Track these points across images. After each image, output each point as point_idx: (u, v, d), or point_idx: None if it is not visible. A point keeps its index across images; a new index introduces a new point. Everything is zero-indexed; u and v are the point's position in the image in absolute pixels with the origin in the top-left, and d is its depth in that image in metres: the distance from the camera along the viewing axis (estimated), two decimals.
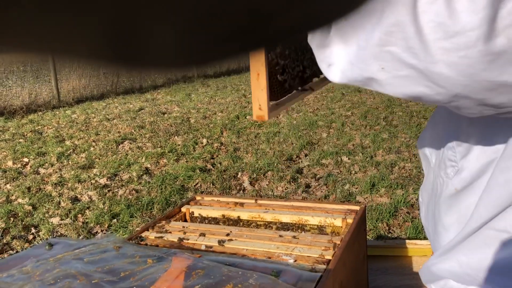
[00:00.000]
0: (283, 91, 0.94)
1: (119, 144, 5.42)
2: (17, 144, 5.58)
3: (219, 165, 4.47)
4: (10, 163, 4.79)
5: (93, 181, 4.14)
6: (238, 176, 4.14)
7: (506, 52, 0.53)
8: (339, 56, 0.64)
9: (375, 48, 0.58)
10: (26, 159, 4.93)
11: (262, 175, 4.13)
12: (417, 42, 0.55)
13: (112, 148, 5.27)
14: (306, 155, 4.67)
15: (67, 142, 5.60)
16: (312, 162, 4.40)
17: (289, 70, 0.92)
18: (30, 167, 4.67)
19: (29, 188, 4.00)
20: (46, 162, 4.80)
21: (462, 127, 0.77)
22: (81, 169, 4.51)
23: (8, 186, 4.12)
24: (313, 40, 0.65)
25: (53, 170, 4.56)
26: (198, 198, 1.62)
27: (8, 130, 6.43)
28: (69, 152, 5.17)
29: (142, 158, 4.77)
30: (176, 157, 4.75)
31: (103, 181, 4.14)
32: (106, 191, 3.91)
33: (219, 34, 0.17)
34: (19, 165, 4.74)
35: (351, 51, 0.63)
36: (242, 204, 1.61)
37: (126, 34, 0.15)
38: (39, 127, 6.59)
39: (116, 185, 4.07)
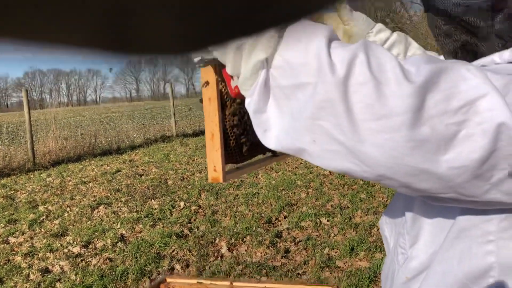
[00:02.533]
0: (243, 154, 0.93)
1: (94, 209, 5.29)
2: None
3: (196, 229, 4.38)
4: None
5: (65, 250, 4.00)
6: (216, 241, 4.05)
7: (429, 141, 0.55)
8: (275, 123, 0.65)
9: (307, 120, 0.60)
10: None
11: (240, 240, 4.06)
12: (346, 121, 0.57)
13: (87, 213, 5.14)
14: (285, 217, 4.62)
15: (41, 208, 5.45)
16: (291, 225, 4.36)
17: (251, 133, 0.91)
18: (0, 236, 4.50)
19: None
20: (17, 230, 4.63)
21: (413, 212, 0.77)
22: (54, 237, 4.36)
23: None
24: (250, 105, 0.66)
25: (24, 239, 4.39)
26: (169, 280, 1.57)
27: None
28: (42, 218, 5.02)
29: (117, 224, 4.65)
30: (152, 222, 4.64)
31: (76, 249, 4.00)
32: (79, 260, 3.77)
33: (216, 18, 0.16)
34: None
35: (285, 120, 0.64)
36: None
37: (122, 20, 0.15)
38: (12, 192, 6.42)
39: (89, 253, 3.93)
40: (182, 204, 5.26)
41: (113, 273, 3.47)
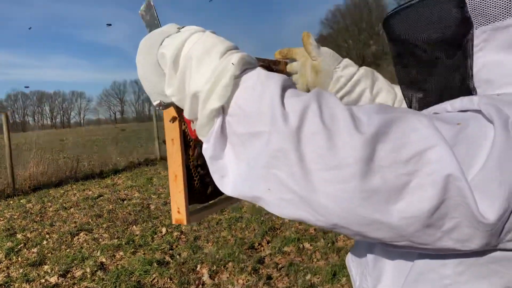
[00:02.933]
0: (208, 195, 0.92)
1: (74, 236, 5.19)
2: None
3: (178, 256, 4.31)
4: None
5: (42, 280, 3.90)
6: (198, 268, 3.99)
7: (380, 192, 0.55)
8: (232, 169, 0.66)
9: (262, 169, 0.60)
10: None
11: (222, 266, 4.00)
12: (299, 170, 0.57)
13: (66, 240, 5.04)
14: (268, 242, 4.59)
15: (19, 236, 5.33)
16: (274, 250, 4.32)
17: None
18: None
19: None
20: None
21: (375, 253, 0.76)
22: (31, 266, 4.26)
23: None
24: (207, 151, 0.66)
25: (0, 268, 4.28)
26: None
27: None
28: (19, 247, 4.91)
29: (97, 252, 4.56)
30: (133, 249, 4.57)
31: (53, 279, 3.90)
32: None
33: None
34: None
35: (242, 167, 0.64)
36: None
37: None
38: None
39: (67, 283, 3.83)
40: (164, 229, 5.20)
41: None
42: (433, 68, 0.73)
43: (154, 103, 0.72)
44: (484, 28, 0.65)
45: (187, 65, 0.66)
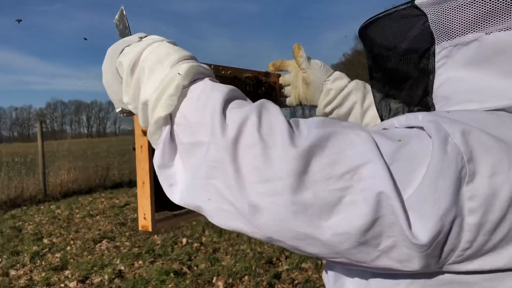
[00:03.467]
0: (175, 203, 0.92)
1: (97, 243, 5.29)
2: None
3: (195, 268, 4.33)
4: None
5: (62, 285, 3.98)
6: (214, 281, 3.99)
7: (312, 206, 0.54)
8: (180, 178, 0.66)
9: (202, 179, 0.60)
10: None
11: (238, 280, 3.99)
12: (235, 182, 0.57)
13: (89, 247, 5.14)
14: (286, 258, 4.54)
15: (45, 240, 5.47)
16: (291, 266, 4.28)
17: None
18: (1, 268, 4.52)
19: None
20: (19, 263, 4.65)
21: (334, 270, 0.74)
22: (53, 271, 4.36)
23: None
24: (155, 159, 0.67)
25: (24, 271, 4.40)
26: None
27: None
28: (44, 251, 5.04)
29: (117, 259, 4.63)
30: (152, 259, 4.61)
31: (72, 284, 3.98)
32: None
33: None
34: None
35: (188, 176, 0.64)
36: None
37: None
38: (20, 223, 6.48)
39: None
40: (184, 240, 5.23)
41: None
42: (397, 82, 0.72)
43: (117, 111, 0.74)
44: (445, 44, 0.64)
45: (141, 74, 0.68)
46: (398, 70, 0.70)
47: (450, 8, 0.62)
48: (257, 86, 1.11)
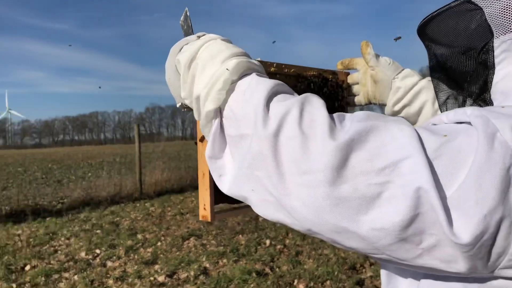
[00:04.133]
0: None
1: (185, 240, 5.53)
2: (94, 235, 5.92)
3: (277, 269, 4.35)
4: (83, 254, 5.06)
5: (151, 278, 4.22)
6: (295, 283, 3.98)
7: (350, 200, 0.53)
8: (229, 169, 0.68)
9: (247, 170, 0.62)
10: (98, 251, 5.19)
11: (320, 284, 3.95)
12: (275, 173, 0.57)
13: (177, 244, 5.38)
14: (371, 265, 4.41)
15: (139, 236, 5.83)
16: (376, 273, 4.14)
17: None
18: (99, 259, 4.90)
19: (92, 281, 4.16)
20: (115, 255, 5.00)
21: (387, 269, 0.72)
22: (144, 265, 4.63)
23: (75, 277, 4.32)
24: (206, 151, 0.69)
25: (119, 263, 4.73)
26: None
27: (90, 220, 6.88)
28: (138, 246, 5.37)
29: (203, 257, 4.80)
30: (236, 258, 4.72)
31: (161, 278, 4.20)
32: None
33: None
34: (90, 256, 4.99)
35: (235, 167, 0.66)
36: None
37: None
38: (118, 218, 6.98)
39: (172, 283, 4.09)
40: (268, 241, 5.28)
41: None
42: (458, 80, 0.69)
43: (177, 105, 0.77)
44: (504, 37, 0.60)
45: (195, 70, 0.71)
46: (457, 67, 0.67)
47: (507, 0, 0.59)
48: (323, 85, 1.09)
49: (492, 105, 0.63)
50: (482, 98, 0.65)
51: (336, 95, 1.12)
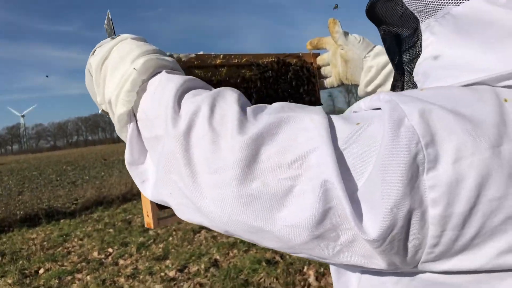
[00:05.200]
0: None
1: (196, 233, 5.54)
2: (107, 234, 5.97)
3: (288, 257, 4.34)
4: (95, 254, 5.11)
5: (162, 274, 4.23)
6: (304, 270, 3.96)
7: (261, 198, 0.50)
8: (152, 173, 0.66)
9: (163, 173, 0.59)
10: (110, 249, 5.23)
11: (329, 270, 3.91)
12: (188, 175, 0.55)
13: (189, 237, 5.40)
14: None
15: (150, 232, 5.86)
16: None
17: None
18: (112, 258, 4.93)
19: (104, 281, 4.19)
20: (126, 253, 5.04)
21: (335, 265, 0.69)
22: (156, 260, 4.65)
23: (88, 277, 4.36)
24: (125, 157, 0.67)
25: (131, 261, 4.76)
26: None
27: (103, 219, 6.94)
28: (149, 242, 5.40)
29: (213, 249, 4.81)
30: (246, 248, 4.71)
31: (172, 273, 4.21)
32: (172, 284, 3.96)
33: None
34: (102, 256, 5.03)
35: (154, 172, 0.64)
36: None
37: None
38: (130, 216, 7.02)
39: (183, 278, 4.11)
40: None
41: None
42: (394, 60, 0.66)
43: (99, 111, 0.74)
44: (429, 21, 0.57)
45: (106, 72, 0.67)
46: (394, 52, 0.64)
47: None
48: (284, 71, 1.04)
49: (416, 86, 0.60)
50: (412, 81, 0.61)
51: (302, 79, 1.07)
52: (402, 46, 0.62)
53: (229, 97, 0.58)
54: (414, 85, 0.61)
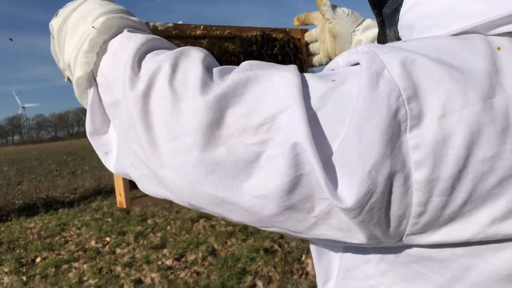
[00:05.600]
0: None
1: (195, 222, 5.51)
2: (105, 223, 5.94)
3: (286, 245, 4.30)
4: (93, 243, 5.08)
5: (159, 262, 4.20)
6: (303, 258, 3.93)
7: (226, 165, 0.44)
8: (114, 144, 0.60)
9: (123, 143, 0.54)
10: (108, 238, 5.19)
11: None
12: (147, 142, 0.49)
13: (187, 226, 5.37)
14: None
15: (149, 221, 5.83)
16: None
17: None
18: (109, 247, 4.90)
19: (100, 269, 4.16)
20: (124, 242, 5.00)
21: (317, 244, 0.63)
22: (153, 249, 4.62)
23: (84, 266, 4.33)
24: (86, 126, 0.61)
25: (128, 250, 4.72)
26: None
27: (102, 209, 6.91)
28: (147, 231, 5.36)
29: (212, 238, 4.77)
30: (244, 237, 4.67)
31: (169, 262, 4.18)
32: (169, 273, 3.93)
33: None
34: (100, 245, 5.00)
35: (116, 142, 0.58)
36: None
37: None
38: None
39: (180, 266, 4.07)
40: None
41: (196, 287, 3.55)
42: (376, 14, 0.59)
43: (65, 80, 0.68)
44: None
45: (66, 34, 0.61)
46: (375, 4, 0.58)
47: None
48: (270, 46, 0.98)
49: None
50: (397, 36, 0.55)
51: (288, 55, 1.01)
52: None
53: (194, 56, 0.51)
54: (398, 40, 0.55)
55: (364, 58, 0.42)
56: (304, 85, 0.45)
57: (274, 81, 0.45)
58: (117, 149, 0.57)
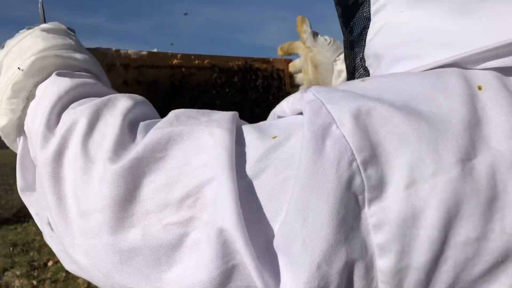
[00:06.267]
0: None
1: None
2: None
3: None
4: None
5: None
6: None
7: (141, 252, 0.35)
8: None
9: (39, 210, 0.46)
10: None
11: None
12: (57, 213, 0.40)
13: None
14: None
15: None
16: None
17: None
18: None
19: None
20: None
21: None
22: None
23: None
24: (19, 181, 0.52)
25: None
26: None
27: None
28: None
29: None
30: None
31: None
32: None
33: None
34: None
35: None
36: None
37: None
38: None
39: None
40: None
41: None
42: (345, 39, 0.49)
43: None
44: None
45: (1, 73, 0.52)
46: (342, 25, 0.48)
47: None
48: (254, 77, 0.91)
49: (369, 74, 0.44)
50: (364, 66, 0.44)
51: (272, 88, 0.94)
52: (348, 15, 0.45)
53: (119, 107, 0.42)
54: (366, 72, 0.44)
55: (307, 109, 0.32)
56: (239, 143, 0.35)
57: (202, 140, 0.36)
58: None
